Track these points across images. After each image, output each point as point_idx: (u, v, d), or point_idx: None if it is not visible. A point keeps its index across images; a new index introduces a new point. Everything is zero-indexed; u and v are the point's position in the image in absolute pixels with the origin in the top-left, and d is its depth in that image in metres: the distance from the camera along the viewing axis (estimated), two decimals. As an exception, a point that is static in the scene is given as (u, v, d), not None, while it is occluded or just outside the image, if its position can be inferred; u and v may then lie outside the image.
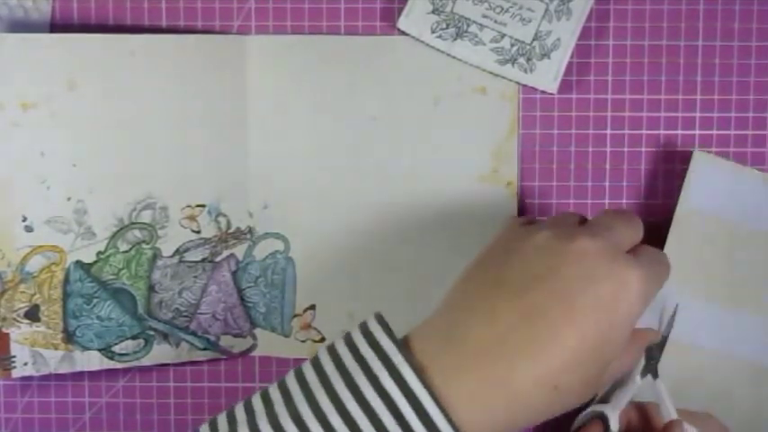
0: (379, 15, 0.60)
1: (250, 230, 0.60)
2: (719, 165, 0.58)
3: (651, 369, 0.54)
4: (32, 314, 0.58)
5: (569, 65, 0.59)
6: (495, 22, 0.58)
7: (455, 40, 0.58)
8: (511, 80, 0.59)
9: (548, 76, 0.59)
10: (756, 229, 0.57)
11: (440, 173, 0.60)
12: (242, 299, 0.61)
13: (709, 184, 0.58)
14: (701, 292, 0.58)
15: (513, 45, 0.58)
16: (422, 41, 0.59)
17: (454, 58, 0.59)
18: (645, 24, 0.60)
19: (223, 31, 0.60)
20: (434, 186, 0.60)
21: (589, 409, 0.55)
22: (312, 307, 0.61)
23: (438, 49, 0.59)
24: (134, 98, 0.58)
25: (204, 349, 0.60)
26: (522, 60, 0.58)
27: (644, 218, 0.59)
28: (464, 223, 0.60)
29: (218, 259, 0.60)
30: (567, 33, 0.58)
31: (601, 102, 0.60)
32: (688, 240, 0.58)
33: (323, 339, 0.61)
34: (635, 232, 0.48)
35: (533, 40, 0.58)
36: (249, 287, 0.61)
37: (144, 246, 0.59)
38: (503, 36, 0.58)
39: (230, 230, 0.60)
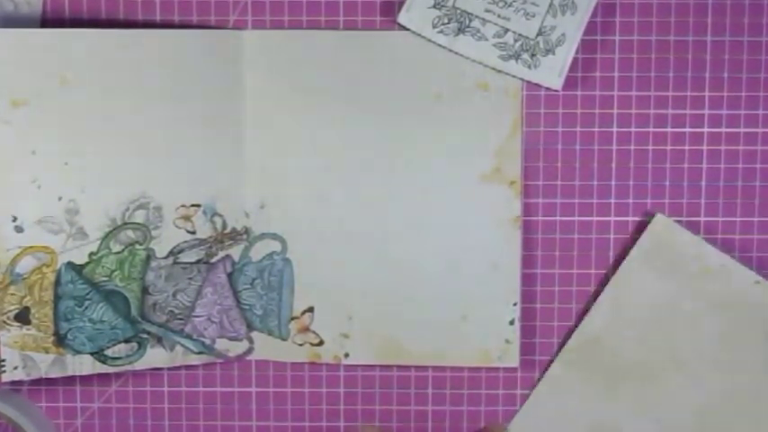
0: (379, 10, 0.59)
1: (246, 231, 0.59)
2: (679, 233, 0.58)
3: None
4: (23, 317, 0.57)
5: (574, 61, 0.58)
6: (499, 16, 0.57)
7: (457, 35, 0.57)
8: (514, 76, 0.58)
9: (552, 73, 0.58)
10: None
11: (441, 171, 0.58)
12: (238, 301, 0.60)
13: (665, 248, 0.58)
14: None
15: (516, 40, 0.57)
16: (423, 37, 0.58)
17: (456, 53, 0.58)
18: (652, 19, 0.58)
19: (219, 26, 0.59)
20: (435, 185, 0.59)
21: None
22: (310, 309, 0.60)
23: (439, 45, 0.58)
24: (127, 95, 0.57)
25: (199, 353, 0.59)
26: (525, 56, 0.57)
27: (648, 218, 0.59)
28: (466, 223, 0.59)
29: (213, 260, 0.59)
30: (572, 28, 0.57)
31: (606, 99, 0.59)
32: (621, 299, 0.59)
33: (321, 343, 0.60)
34: None
35: (537, 35, 0.57)
36: (245, 289, 0.60)
37: (137, 246, 0.58)
38: (506, 31, 0.57)
39: (226, 231, 0.59)
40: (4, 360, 0.57)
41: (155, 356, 0.59)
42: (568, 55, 0.58)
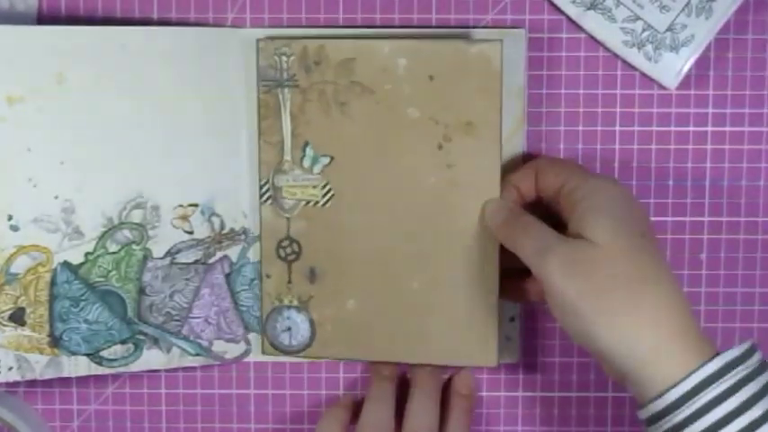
0: (379, 7, 0.58)
1: (245, 231, 0.59)
2: None
3: None
4: (18, 317, 0.56)
5: (578, 59, 0.58)
6: (633, 2, 0.56)
7: (588, 9, 0.56)
8: (630, 65, 0.57)
9: (670, 71, 0.57)
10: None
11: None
12: (235, 302, 0.59)
13: None
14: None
15: (644, 30, 0.56)
16: (554, 5, 0.57)
17: (581, 28, 0.57)
18: (655, 17, 0.58)
19: (217, 24, 0.58)
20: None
21: None
22: (311, 308, 0.59)
23: (568, 16, 0.57)
24: (124, 93, 0.56)
25: (196, 355, 0.59)
26: (649, 48, 0.56)
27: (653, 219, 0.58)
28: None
29: (211, 261, 0.58)
30: (702, 32, 0.56)
31: (610, 97, 0.58)
32: None
33: (320, 344, 0.59)
34: None
35: (667, 30, 0.56)
36: (243, 290, 0.59)
37: (134, 246, 0.57)
38: (637, 18, 0.56)
39: (224, 231, 0.59)
40: (-2, 361, 0.57)
41: (151, 358, 0.58)
42: (691, 57, 0.57)
